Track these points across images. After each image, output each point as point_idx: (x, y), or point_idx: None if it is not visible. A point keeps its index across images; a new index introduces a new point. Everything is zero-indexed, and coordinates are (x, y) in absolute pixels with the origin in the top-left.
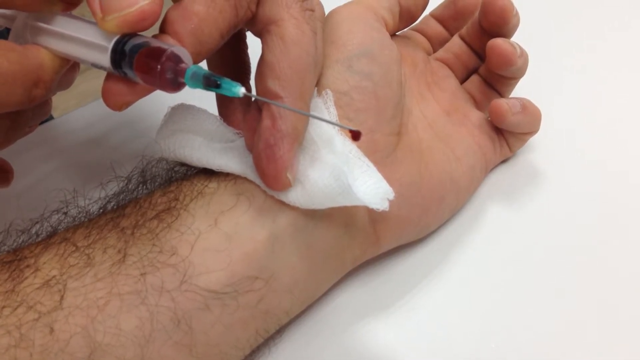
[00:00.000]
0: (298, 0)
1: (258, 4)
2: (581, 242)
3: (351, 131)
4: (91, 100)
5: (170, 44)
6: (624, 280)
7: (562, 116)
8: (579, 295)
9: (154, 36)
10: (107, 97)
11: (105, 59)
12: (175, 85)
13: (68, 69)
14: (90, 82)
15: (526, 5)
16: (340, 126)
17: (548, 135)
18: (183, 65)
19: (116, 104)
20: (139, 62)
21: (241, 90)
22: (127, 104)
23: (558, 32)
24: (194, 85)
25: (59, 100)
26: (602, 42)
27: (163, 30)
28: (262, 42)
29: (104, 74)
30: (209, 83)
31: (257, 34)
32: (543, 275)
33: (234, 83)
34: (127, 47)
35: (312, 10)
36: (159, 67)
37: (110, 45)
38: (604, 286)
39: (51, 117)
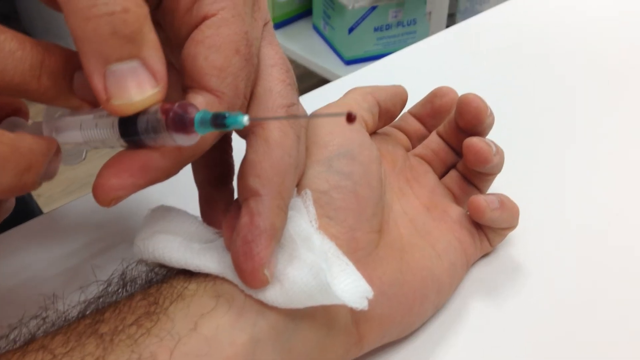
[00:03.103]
0: (284, 106)
1: (247, 107)
2: (565, 337)
3: (347, 115)
4: (76, 187)
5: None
6: None
7: (540, 211)
8: None
9: None
10: (98, 192)
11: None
12: (189, 131)
13: (52, 158)
14: (75, 170)
15: (501, 104)
16: (333, 115)
17: (527, 230)
18: (189, 115)
19: (106, 199)
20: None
21: (245, 119)
22: (117, 200)
23: (532, 129)
24: (204, 129)
25: (44, 188)
26: (575, 138)
27: None
28: (247, 143)
29: (88, 161)
30: (216, 124)
31: (243, 135)
32: None
33: (237, 115)
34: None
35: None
36: (171, 113)
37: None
38: None
39: (40, 212)
